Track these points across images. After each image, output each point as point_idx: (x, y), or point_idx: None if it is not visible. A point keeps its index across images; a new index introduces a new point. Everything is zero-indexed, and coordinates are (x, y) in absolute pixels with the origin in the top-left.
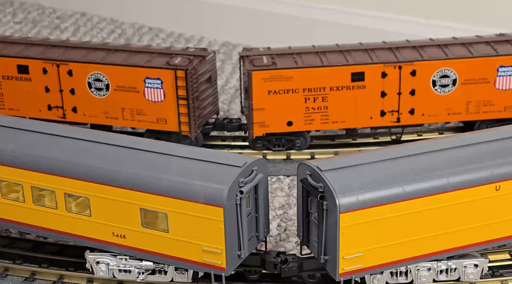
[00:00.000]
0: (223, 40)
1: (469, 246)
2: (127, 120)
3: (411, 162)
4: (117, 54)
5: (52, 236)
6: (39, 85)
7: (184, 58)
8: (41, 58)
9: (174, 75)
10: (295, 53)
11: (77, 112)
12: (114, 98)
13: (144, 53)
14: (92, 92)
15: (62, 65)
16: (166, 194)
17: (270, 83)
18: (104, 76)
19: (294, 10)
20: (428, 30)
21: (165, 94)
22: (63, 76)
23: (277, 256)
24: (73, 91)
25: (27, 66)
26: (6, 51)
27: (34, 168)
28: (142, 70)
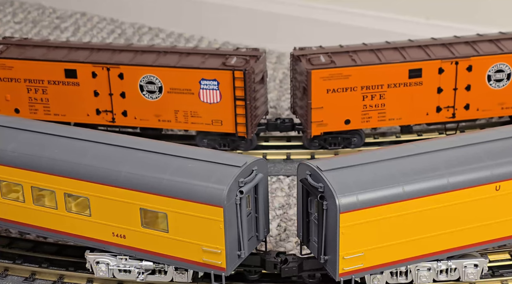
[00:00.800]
0: (223, 40)
1: (469, 246)
2: (180, 122)
3: (411, 162)
4: (168, 56)
5: (52, 236)
6: (87, 89)
7: (239, 58)
8: (90, 61)
9: (232, 76)
10: (350, 51)
11: (127, 116)
12: (167, 100)
13: (195, 54)
14: (143, 95)
15: (113, 68)
16: (166, 194)
17: (329, 81)
18: (157, 79)
19: (294, 10)
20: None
21: (221, 95)
22: (114, 79)
23: (277, 256)
24: (123, 94)
25: (75, 70)
26: (51, 55)
27: (34, 168)
28: (197, 72)
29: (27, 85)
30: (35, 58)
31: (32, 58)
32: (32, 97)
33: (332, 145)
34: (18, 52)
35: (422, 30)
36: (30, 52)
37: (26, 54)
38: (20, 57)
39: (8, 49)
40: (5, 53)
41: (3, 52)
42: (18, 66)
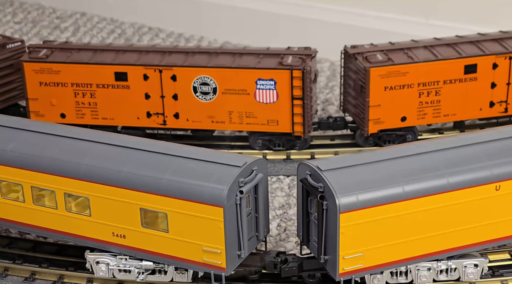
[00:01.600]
0: (222, 40)
1: (469, 246)
2: (235, 123)
3: (411, 162)
4: (221, 57)
5: (52, 236)
6: (138, 92)
7: (295, 57)
8: (142, 64)
9: (290, 75)
10: (405, 48)
11: (179, 118)
12: (221, 101)
13: (249, 54)
14: (197, 97)
15: (166, 70)
16: (166, 194)
17: (386, 79)
18: (212, 80)
19: (294, 10)
20: (428, 30)
21: (278, 95)
22: (166, 81)
23: (277, 256)
24: (176, 96)
25: (125, 73)
26: (100, 58)
27: (34, 168)
28: (254, 72)
29: (74, 89)
30: (84, 62)
31: (80, 61)
32: (79, 101)
33: (386, 143)
34: (64, 56)
35: (422, 30)
36: (77, 56)
37: (73, 57)
38: (68, 61)
39: (53, 53)
40: (51, 57)
41: (48, 56)
42: (65, 70)
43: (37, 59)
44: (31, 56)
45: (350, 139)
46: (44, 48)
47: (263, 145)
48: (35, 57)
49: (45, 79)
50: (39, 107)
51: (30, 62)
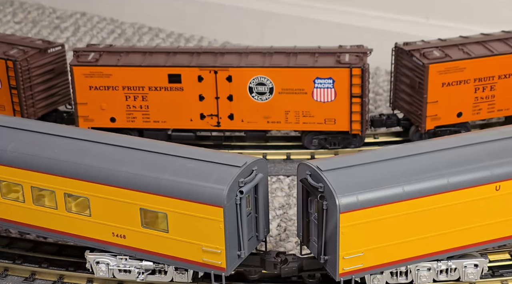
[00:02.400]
0: (223, 40)
1: (469, 246)
2: (291, 123)
3: (411, 162)
4: (275, 56)
5: (52, 236)
6: (192, 94)
7: (352, 55)
8: (197, 65)
9: (349, 73)
10: (458, 44)
11: (234, 119)
12: (278, 101)
13: (304, 53)
14: (253, 97)
15: (221, 71)
16: (166, 194)
17: (444, 75)
18: (268, 80)
19: (294, 10)
20: (428, 30)
21: (336, 93)
22: (221, 82)
23: (277, 256)
24: (231, 97)
25: (179, 75)
26: (153, 61)
27: (34, 168)
28: (312, 71)
29: (125, 92)
30: (136, 64)
31: (132, 64)
32: (130, 104)
33: None
34: (114, 59)
35: (422, 30)
36: (128, 59)
37: (124, 60)
38: (119, 64)
39: (102, 56)
40: (102, 61)
41: (98, 60)
42: (116, 73)
43: (87, 63)
44: (80, 60)
45: None
46: (90, 51)
47: (318, 144)
48: (84, 61)
49: (95, 83)
50: (88, 112)
51: (79, 66)
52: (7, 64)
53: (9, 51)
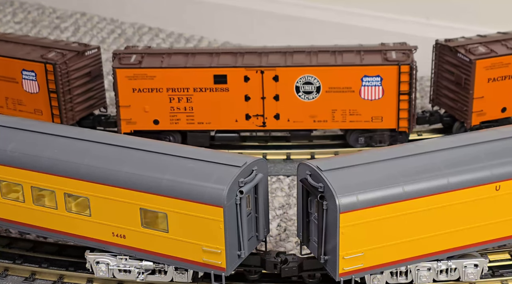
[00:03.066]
0: (223, 40)
1: (469, 246)
2: (338, 122)
3: (411, 162)
4: (321, 55)
5: (52, 236)
6: (238, 94)
7: (398, 53)
8: (243, 65)
9: (398, 71)
10: (501, 40)
11: (280, 119)
12: (325, 100)
13: (349, 52)
14: (299, 96)
15: (268, 71)
16: (166, 194)
17: (490, 71)
18: (316, 79)
19: (294, 10)
20: (428, 30)
21: (383, 91)
22: (268, 82)
23: (277, 256)
24: (277, 97)
25: (225, 75)
26: (197, 62)
27: (34, 168)
28: (360, 69)
29: (169, 94)
30: (180, 66)
31: (177, 66)
32: (174, 106)
33: None
34: (157, 61)
35: (422, 30)
36: (171, 60)
37: (168, 62)
38: (163, 66)
39: (144, 58)
40: (145, 63)
41: (141, 62)
42: (161, 75)
43: (130, 65)
44: (122, 62)
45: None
46: (131, 53)
47: (364, 142)
48: (127, 63)
49: (138, 85)
50: (131, 115)
51: (123, 68)
52: (46, 67)
53: (46, 54)
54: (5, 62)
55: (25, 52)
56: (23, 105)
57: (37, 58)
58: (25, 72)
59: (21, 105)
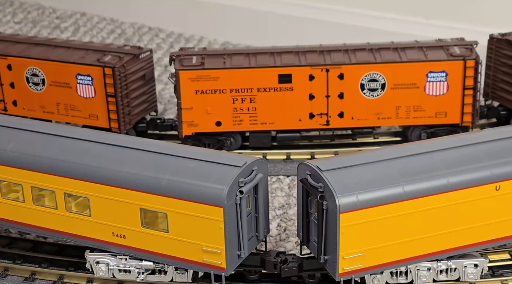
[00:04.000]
0: (223, 40)
1: (469, 246)
2: (402, 118)
3: (411, 162)
4: (383, 52)
5: (52, 236)
6: (302, 93)
7: (461, 48)
8: (308, 64)
9: (463, 66)
10: None
11: (344, 117)
12: (389, 97)
13: (411, 48)
14: (364, 94)
15: (333, 69)
16: (166, 194)
17: None
18: (381, 76)
19: (294, 10)
20: (428, 30)
21: (448, 86)
22: (333, 80)
23: (277, 256)
24: (342, 95)
25: (290, 74)
26: (260, 61)
27: (34, 168)
28: (425, 65)
29: (232, 95)
30: (244, 66)
31: (240, 66)
32: (237, 107)
33: None
34: (219, 62)
35: (422, 30)
36: (234, 61)
37: (232, 62)
38: (227, 67)
39: (206, 59)
40: (208, 64)
41: (203, 63)
42: (224, 76)
43: (193, 67)
44: (184, 64)
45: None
46: (190, 55)
47: (427, 138)
48: (190, 65)
49: (201, 87)
50: (193, 117)
51: (186, 70)
52: (104, 71)
53: (102, 58)
54: (58, 67)
55: (78, 56)
56: (77, 111)
57: (93, 62)
58: (80, 76)
59: (75, 111)
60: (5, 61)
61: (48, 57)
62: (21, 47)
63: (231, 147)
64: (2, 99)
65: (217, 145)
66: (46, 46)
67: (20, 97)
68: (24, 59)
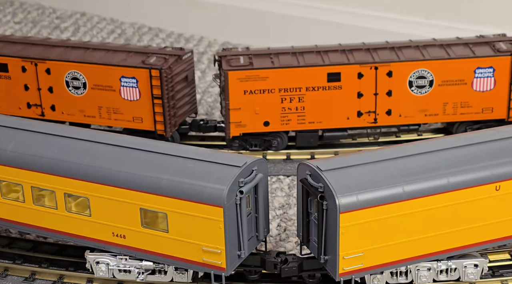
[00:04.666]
0: (222, 40)
1: (469, 246)
2: (448, 114)
3: (411, 162)
4: (430, 49)
5: (52, 236)
6: (350, 92)
7: (506, 43)
8: (357, 62)
9: (511, 61)
10: None
11: (391, 115)
12: (437, 94)
13: (456, 45)
14: (412, 91)
15: (382, 67)
16: (166, 194)
17: None
18: (429, 73)
19: (294, 10)
20: (428, 30)
21: (495, 82)
22: (381, 78)
23: (277, 256)
24: (390, 93)
25: (339, 73)
26: (309, 60)
27: (34, 168)
28: (472, 61)
29: (281, 95)
30: (293, 65)
31: (289, 65)
32: (285, 107)
33: None
34: (267, 61)
35: (422, 30)
36: (282, 60)
37: (280, 62)
38: (276, 66)
39: (253, 59)
40: (256, 64)
41: (252, 63)
42: (273, 76)
43: (242, 67)
44: (232, 65)
45: None
46: (236, 55)
47: None
48: (238, 65)
49: (250, 87)
50: (241, 117)
51: (235, 71)
52: (151, 73)
53: (147, 59)
54: (101, 70)
55: (120, 58)
56: (120, 114)
57: (138, 64)
58: (124, 79)
59: (117, 114)
60: (44, 65)
61: (90, 60)
62: (58, 50)
63: (278, 147)
64: (40, 104)
65: (263, 145)
66: (84, 49)
67: (59, 101)
68: (64, 63)
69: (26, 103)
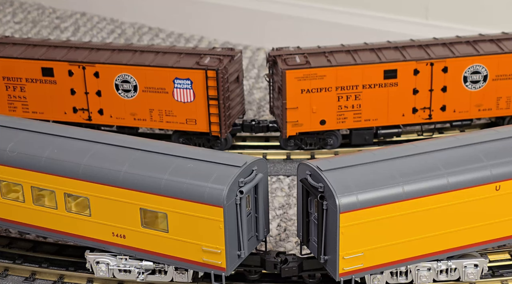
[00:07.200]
0: (222, 40)
1: (469, 246)
2: (502, 109)
3: (411, 162)
4: (482, 44)
5: (52, 236)
6: (406, 88)
7: None
8: (413, 59)
9: None
10: None
11: (446, 110)
12: (491, 88)
13: (508, 39)
14: (466, 86)
15: (437, 63)
16: (166, 194)
17: None
18: (483, 68)
19: (294, 10)
20: (428, 30)
21: None
22: (437, 74)
23: (277, 256)
24: (445, 88)
25: (395, 70)
26: (365, 58)
27: (34, 168)
28: (496, 57)
29: (338, 93)
30: (350, 63)
31: (347, 63)
32: (342, 105)
33: None
34: (323, 60)
35: (422, 30)
36: (338, 58)
37: (336, 60)
38: (333, 64)
39: (309, 58)
40: (313, 62)
41: (309, 62)
42: (330, 74)
43: (299, 66)
44: (289, 64)
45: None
46: (291, 54)
47: None
48: (295, 64)
49: (307, 86)
50: (298, 117)
51: (292, 69)
52: (207, 74)
53: (201, 61)
54: (154, 72)
55: (173, 60)
56: (173, 116)
57: (193, 65)
58: (178, 80)
59: (170, 116)
60: (93, 69)
61: (142, 63)
62: (106, 53)
63: (334, 146)
64: (87, 108)
65: (318, 144)
66: (132, 52)
67: (107, 105)
68: (114, 66)
69: (72, 108)
